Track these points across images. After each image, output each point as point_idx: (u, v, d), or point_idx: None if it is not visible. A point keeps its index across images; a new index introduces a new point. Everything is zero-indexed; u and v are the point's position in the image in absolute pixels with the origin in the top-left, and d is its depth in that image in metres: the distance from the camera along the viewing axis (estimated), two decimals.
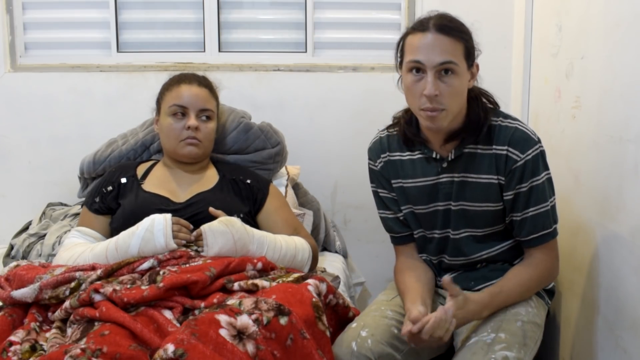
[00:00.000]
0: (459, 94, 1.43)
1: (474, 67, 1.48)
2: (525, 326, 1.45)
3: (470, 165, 1.51)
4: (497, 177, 1.50)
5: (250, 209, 1.80)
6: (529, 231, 1.50)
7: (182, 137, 1.76)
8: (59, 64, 2.37)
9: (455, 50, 1.40)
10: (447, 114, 1.42)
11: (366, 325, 1.46)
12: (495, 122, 1.51)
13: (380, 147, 1.62)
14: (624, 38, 1.53)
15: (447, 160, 1.52)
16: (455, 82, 1.41)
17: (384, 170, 1.62)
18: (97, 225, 1.76)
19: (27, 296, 1.40)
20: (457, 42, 1.40)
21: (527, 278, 1.50)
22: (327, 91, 2.37)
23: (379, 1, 2.40)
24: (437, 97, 1.39)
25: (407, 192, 1.60)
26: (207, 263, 1.46)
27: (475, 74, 1.49)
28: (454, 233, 1.57)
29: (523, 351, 1.38)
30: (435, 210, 1.57)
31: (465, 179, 1.52)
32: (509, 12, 2.31)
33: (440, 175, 1.54)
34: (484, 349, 1.35)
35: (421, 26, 1.42)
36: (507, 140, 1.47)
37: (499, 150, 1.48)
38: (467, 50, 1.43)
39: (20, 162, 2.35)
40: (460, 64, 1.41)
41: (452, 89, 1.40)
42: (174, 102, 1.77)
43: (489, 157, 1.50)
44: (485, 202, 1.52)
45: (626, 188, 1.51)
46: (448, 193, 1.54)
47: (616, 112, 1.56)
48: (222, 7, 2.38)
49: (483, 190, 1.51)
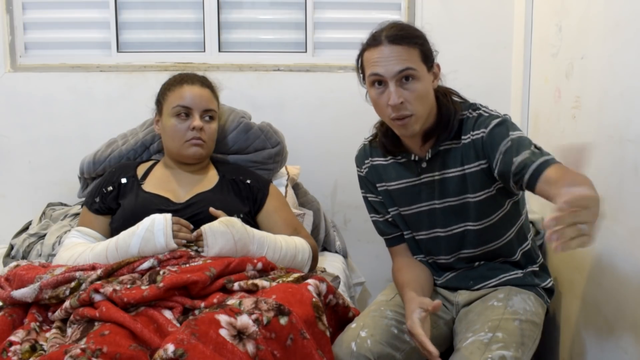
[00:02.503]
0: (424, 97, 1.45)
1: (435, 68, 1.51)
2: (523, 325, 1.45)
3: (447, 162, 1.53)
4: (469, 166, 1.50)
5: (250, 209, 1.80)
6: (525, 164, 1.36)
7: (186, 137, 1.76)
8: (59, 64, 2.38)
9: (410, 56, 1.43)
10: (416, 119, 1.45)
11: (366, 326, 1.46)
12: (464, 115, 1.52)
13: (364, 154, 1.68)
14: (624, 38, 1.53)
15: (425, 160, 1.54)
16: (418, 87, 1.43)
17: (369, 175, 1.66)
18: (97, 225, 1.76)
19: (27, 296, 1.39)
20: (411, 48, 1.43)
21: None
22: (327, 91, 2.37)
23: (379, 1, 2.40)
24: (402, 104, 1.43)
25: (392, 194, 1.62)
26: (207, 263, 1.46)
27: (437, 73, 1.52)
28: (445, 231, 1.58)
29: (521, 350, 1.38)
30: (419, 212, 1.58)
31: (445, 175, 1.54)
32: (509, 12, 2.32)
33: (421, 175, 1.56)
34: (481, 349, 1.36)
35: (374, 40, 1.46)
36: (472, 126, 1.49)
37: (473, 136, 1.49)
38: (423, 53, 1.45)
39: (20, 162, 2.35)
40: (418, 69, 1.43)
41: (415, 93, 1.43)
42: (177, 103, 1.76)
43: (463, 148, 1.51)
44: (464, 194, 1.52)
45: (626, 188, 1.51)
46: (430, 193, 1.56)
47: (616, 112, 1.56)
48: (222, 7, 2.38)
49: (460, 183, 1.52)
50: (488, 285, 1.60)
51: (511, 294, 1.54)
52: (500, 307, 1.49)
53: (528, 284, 1.59)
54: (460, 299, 1.61)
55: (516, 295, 1.53)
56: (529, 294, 1.56)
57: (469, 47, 2.34)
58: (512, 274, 1.60)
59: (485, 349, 1.35)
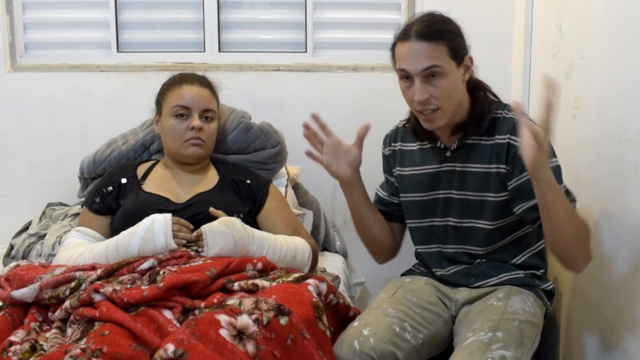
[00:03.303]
0: (451, 93, 1.48)
1: (467, 61, 1.51)
2: (523, 325, 1.45)
3: (472, 156, 1.55)
4: (497, 166, 1.52)
5: (250, 209, 1.80)
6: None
7: (185, 137, 1.76)
8: (59, 64, 2.38)
9: (438, 53, 1.45)
10: (442, 113, 1.48)
11: (368, 324, 1.46)
12: (499, 114, 1.55)
13: (393, 137, 1.73)
14: (624, 38, 1.53)
15: (450, 149, 1.57)
16: (444, 83, 1.46)
17: (390, 158, 1.73)
18: (97, 225, 1.76)
19: (27, 296, 1.39)
20: (439, 45, 1.45)
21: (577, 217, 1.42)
22: (327, 91, 2.37)
23: (379, 1, 2.40)
24: (427, 99, 1.46)
25: (408, 180, 1.66)
26: (207, 263, 1.46)
27: (470, 66, 1.53)
28: (457, 221, 1.59)
29: (520, 350, 1.38)
30: (436, 198, 1.61)
31: (467, 168, 1.56)
32: (509, 12, 2.32)
33: (443, 164, 1.59)
34: (482, 349, 1.36)
35: (404, 35, 1.49)
36: (510, 130, 1.51)
37: (500, 139, 1.52)
38: (452, 49, 1.47)
39: (20, 162, 2.35)
40: (446, 65, 1.45)
41: (441, 89, 1.46)
42: (177, 103, 1.76)
43: (490, 147, 1.53)
44: (485, 191, 1.54)
45: (626, 188, 1.51)
46: (449, 182, 1.58)
47: (616, 112, 1.56)
48: (222, 7, 2.38)
49: (484, 179, 1.54)
50: (488, 283, 1.60)
51: (511, 294, 1.54)
52: (500, 307, 1.49)
53: (528, 285, 1.59)
54: (460, 297, 1.61)
55: (516, 295, 1.54)
56: (528, 294, 1.57)
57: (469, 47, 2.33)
58: (513, 273, 1.61)
59: (486, 348, 1.36)
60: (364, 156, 1.65)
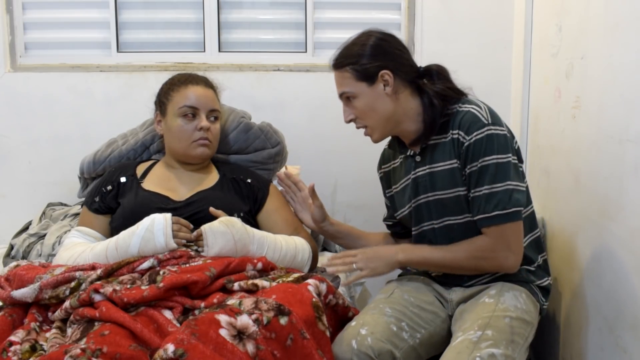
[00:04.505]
0: (369, 111, 1.58)
1: (383, 76, 1.56)
2: (514, 322, 1.45)
3: (435, 155, 1.58)
4: (455, 160, 1.55)
5: (250, 209, 1.80)
6: (478, 209, 1.51)
7: (194, 138, 1.75)
8: (59, 64, 2.37)
9: (344, 80, 1.58)
10: (371, 130, 1.61)
11: (365, 324, 1.46)
12: (453, 109, 1.57)
13: (382, 159, 1.80)
14: (624, 38, 1.53)
15: (418, 154, 1.61)
16: (359, 104, 1.58)
17: (383, 182, 1.81)
18: (97, 225, 1.76)
19: (27, 296, 1.40)
20: (343, 72, 1.58)
21: (460, 257, 1.54)
22: (327, 91, 2.34)
23: (379, 1, 2.40)
24: (353, 120, 1.61)
25: (398, 197, 1.70)
26: (207, 263, 1.46)
27: (389, 80, 1.56)
28: (437, 223, 1.61)
29: (511, 348, 1.38)
30: (418, 205, 1.63)
31: (433, 169, 1.58)
32: (509, 12, 2.32)
33: (416, 170, 1.62)
34: (470, 348, 1.36)
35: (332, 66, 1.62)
36: (458, 124, 1.54)
37: (453, 134, 1.55)
38: (357, 73, 1.56)
39: (20, 162, 2.35)
40: (354, 89, 1.57)
41: (357, 110, 1.59)
42: (184, 103, 1.76)
43: (448, 143, 1.56)
44: (454, 187, 1.56)
45: (626, 188, 1.51)
46: (425, 186, 1.60)
47: (616, 112, 1.56)
48: (222, 7, 2.38)
49: (449, 176, 1.56)
50: (481, 281, 1.60)
51: (503, 290, 1.54)
52: (491, 304, 1.49)
53: (521, 280, 1.59)
54: (454, 296, 1.61)
55: (508, 292, 1.54)
56: (521, 290, 1.56)
57: (469, 47, 2.34)
58: None
59: (474, 347, 1.35)
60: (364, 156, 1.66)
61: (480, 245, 1.52)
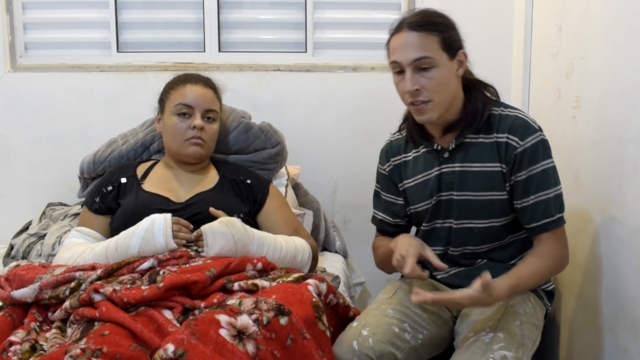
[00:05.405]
0: (443, 85, 1.46)
1: (460, 56, 1.50)
2: (524, 326, 1.45)
3: (472, 155, 1.53)
4: (499, 164, 1.51)
5: (250, 209, 1.80)
6: (531, 218, 1.50)
7: (187, 136, 1.76)
8: (59, 64, 2.38)
9: (428, 44, 1.43)
10: (433, 105, 1.47)
11: (367, 324, 1.46)
12: (496, 111, 1.53)
13: (390, 151, 1.68)
14: (624, 38, 1.53)
15: (447, 150, 1.55)
16: (436, 75, 1.44)
17: (393, 175, 1.67)
18: (97, 225, 1.76)
19: (27, 296, 1.39)
20: (430, 36, 1.43)
21: (541, 267, 1.47)
22: (327, 91, 2.37)
23: (379, 1, 2.40)
24: (418, 91, 1.45)
25: (413, 191, 1.63)
26: (207, 263, 1.46)
27: (463, 61, 1.51)
28: (456, 223, 1.58)
29: (521, 351, 1.38)
30: (438, 201, 1.58)
31: (466, 168, 1.54)
32: (509, 12, 2.32)
33: (442, 166, 1.56)
34: (482, 349, 1.36)
35: (396, 27, 1.48)
36: (507, 128, 1.50)
37: (499, 138, 1.51)
38: (444, 41, 1.45)
39: (20, 162, 2.35)
40: (437, 57, 1.44)
41: (432, 81, 1.44)
42: (180, 101, 1.76)
43: (490, 145, 1.52)
44: (489, 190, 1.53)
45: (626, 188, 1.51)
46: (450, 183, 1.56)
47: (616, 112, 1.56)
48: (222, 7, 2.38)
49: (487, 178, 1.52)
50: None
51: None
52: (501, 307, 1.49)
53: None
54: None
55: (517, 296, 1.53)
56: (529, 294, 1.56)
57: (469, 46, 2.32)
58: None
59: (487, 349, 1.36)
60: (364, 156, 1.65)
61: (550, 252, 1.49)
